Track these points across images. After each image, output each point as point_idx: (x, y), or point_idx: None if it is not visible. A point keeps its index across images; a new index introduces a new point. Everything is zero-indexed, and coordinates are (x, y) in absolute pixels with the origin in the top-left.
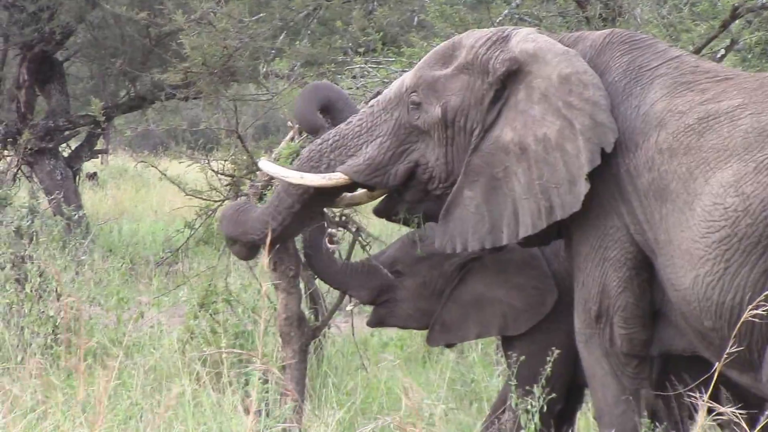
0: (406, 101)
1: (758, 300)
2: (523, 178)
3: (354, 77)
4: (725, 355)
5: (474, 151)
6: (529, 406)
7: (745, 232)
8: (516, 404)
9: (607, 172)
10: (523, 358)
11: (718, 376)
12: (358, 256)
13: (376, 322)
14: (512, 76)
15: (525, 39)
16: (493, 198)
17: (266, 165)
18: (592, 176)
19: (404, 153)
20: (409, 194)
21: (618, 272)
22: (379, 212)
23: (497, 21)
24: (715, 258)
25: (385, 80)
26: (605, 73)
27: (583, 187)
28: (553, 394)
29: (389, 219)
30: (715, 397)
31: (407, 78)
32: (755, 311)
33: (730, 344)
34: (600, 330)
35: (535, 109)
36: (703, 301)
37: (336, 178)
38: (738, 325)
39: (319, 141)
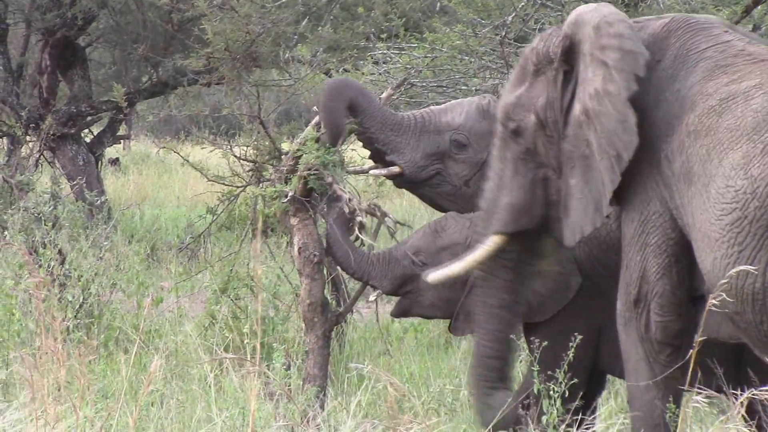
0: (507, 134)
1: (718, 287)
2: (594, 141)
3: (376, 63)
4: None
5: (562, 138)
6: (551, 391)
7: (754, 215)
8: (538, 389)
9: (650, 158)
10: (545, 343)
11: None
12: (382, 243)
13: (400, 312)
14: (570, 53)
15: (571, 15)
16: (590, 176)
17: (434, 276)
18: (636, 161)
19: (533, 181)
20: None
21: (658, 258)
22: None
23: (520, 6)
24: (729, 241)
25: (408, 66)
26: (661, 60)
27: (633, 118)
28: (575, 380)
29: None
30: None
31: (499, 117)
32: (714, 301)
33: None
34: (637, 315)
35: (588, 71)
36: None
37: (492, 241)
38: (703, 317)
39: (469, 226)
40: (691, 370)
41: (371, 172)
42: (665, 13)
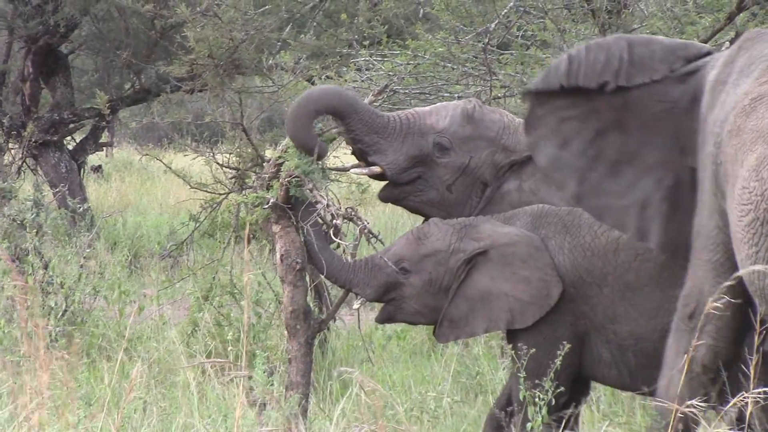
0: None
1: (718, 292)
2: None
3: (359, 70)
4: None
5: None
6: (536, 399)
7: (764, 216)
8: (523, 397)
9: (708, 171)
10: (530, 350)
11: None
12: (363, 251)
13: (384, 318)
14: None
15: None
16: None
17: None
18: (702, 178)
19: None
20: None
21: (719, 277)
22: None
23: (503, 13)
24: (749, 241)
25: (390, 73)
26: (729, 75)
27: None
28: (560, 387)
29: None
30: None
31: None
32: (715, 304)
33: None
34: (689, 329)
35: None
36: (750, 285)
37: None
38: (701, 319)
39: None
40: (684, 374)
41: (352, 171)
42: (648, 20)
